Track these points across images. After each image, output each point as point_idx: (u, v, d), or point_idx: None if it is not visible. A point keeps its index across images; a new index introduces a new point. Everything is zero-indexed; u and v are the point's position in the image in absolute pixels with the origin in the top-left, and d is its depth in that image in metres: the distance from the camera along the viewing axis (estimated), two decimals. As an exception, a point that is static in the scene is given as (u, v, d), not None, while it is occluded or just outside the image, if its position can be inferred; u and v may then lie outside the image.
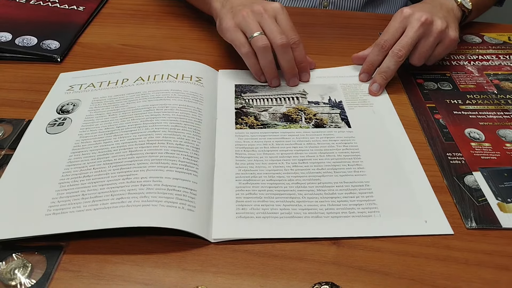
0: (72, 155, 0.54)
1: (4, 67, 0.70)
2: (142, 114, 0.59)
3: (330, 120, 0.61)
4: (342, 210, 0.49)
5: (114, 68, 0.70)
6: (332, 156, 0.56)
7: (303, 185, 0.52)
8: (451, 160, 0.56)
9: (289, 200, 0.50)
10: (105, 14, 0.86)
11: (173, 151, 0.53)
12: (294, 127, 0.60)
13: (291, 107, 0.64)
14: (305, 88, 0.67)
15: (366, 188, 0.52)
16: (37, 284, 0.42)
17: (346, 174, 0.53)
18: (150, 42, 0.78)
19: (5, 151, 0.55)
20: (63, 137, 0.57)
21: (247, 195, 0.51)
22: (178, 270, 0.44)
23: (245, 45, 0.62)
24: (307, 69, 0.67)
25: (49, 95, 0.64)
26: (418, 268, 0.45)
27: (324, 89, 0.68)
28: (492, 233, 0.48)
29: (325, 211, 0.49)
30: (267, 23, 0.60)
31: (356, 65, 0.72)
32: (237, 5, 0.64)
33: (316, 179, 0.53)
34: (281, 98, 0.65)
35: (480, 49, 0.79)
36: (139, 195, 0.48)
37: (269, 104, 0.64)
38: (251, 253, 0.46)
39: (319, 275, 0.44)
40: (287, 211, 0.49)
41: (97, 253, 0.45)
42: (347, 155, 0.56)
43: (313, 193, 0.51)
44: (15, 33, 0.74)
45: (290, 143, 0.57)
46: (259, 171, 0.54)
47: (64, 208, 0.47)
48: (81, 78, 0.68)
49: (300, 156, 0.55)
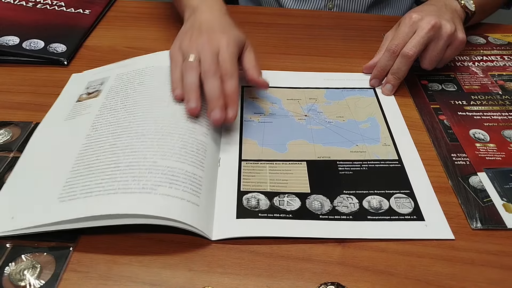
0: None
1: (12, 70, 0.71)
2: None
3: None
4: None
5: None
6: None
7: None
8: (456, 161, 0.56)
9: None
10: (110, 17, 0.87)
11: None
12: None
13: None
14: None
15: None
16: (46, 284, 0.43)
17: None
18: (156, 44, 0.78)
19: (14, 154, 0.56)
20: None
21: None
22: (185, 271, 0.44)
23: (177, 63, 0.60)
24: (233, 105, 0.56)
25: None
26: (424, 269, 0.45)
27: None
28: (497, 234, 0.48)
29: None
30: (204, 53, 0.58)
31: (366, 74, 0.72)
32: (196, 27, 0.63)
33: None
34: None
35: (484, 50, 0.79)
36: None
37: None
38: (258, 253, 0.46)
39: (325, 275, 0.44)
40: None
41: (105, 254, 0.46)
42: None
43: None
44: (22, 36, 0.75)
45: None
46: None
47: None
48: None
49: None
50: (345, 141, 0.59)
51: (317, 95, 0.67)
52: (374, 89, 0.69)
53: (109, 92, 0.62)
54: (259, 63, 0.62)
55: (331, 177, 0.54)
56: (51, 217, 0.45)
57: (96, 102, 0.61)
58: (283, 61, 0.75)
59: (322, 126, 0.61)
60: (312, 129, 0.61)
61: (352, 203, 0.51)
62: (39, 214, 0.46)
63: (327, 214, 0.49)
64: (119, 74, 0.66)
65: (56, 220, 0.45)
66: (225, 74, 0.57)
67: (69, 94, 0.65)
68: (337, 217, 0.49)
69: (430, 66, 0.68)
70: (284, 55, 0.77)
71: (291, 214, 0.49)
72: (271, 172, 0.54)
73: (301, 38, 0.81)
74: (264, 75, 0.68)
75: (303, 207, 0.50)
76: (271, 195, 0.51)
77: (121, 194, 0.46)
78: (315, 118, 0.63)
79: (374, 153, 0.57)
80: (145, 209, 0.45)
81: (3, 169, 0.53)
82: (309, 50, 0.78)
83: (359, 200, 0.51)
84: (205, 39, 0.59)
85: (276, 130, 0.60)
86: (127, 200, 0.46)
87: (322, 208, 0.50)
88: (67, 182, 0.49)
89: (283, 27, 0.85)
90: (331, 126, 0.61)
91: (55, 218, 0.45)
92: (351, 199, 0.51)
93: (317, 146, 0.58)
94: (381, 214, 0.50)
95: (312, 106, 0.65)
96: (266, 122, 0.62)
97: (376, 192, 0.52)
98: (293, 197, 0.51)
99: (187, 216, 0.46)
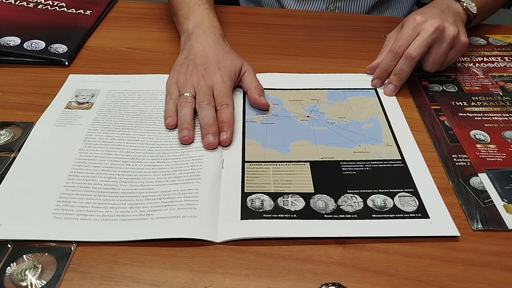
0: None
1: (13, 70, 0.71)
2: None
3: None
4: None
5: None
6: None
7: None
8: (457, 161, 0.56)
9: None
10: (111, 18, 0.87)
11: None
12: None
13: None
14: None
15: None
16: (47, 285, 0.43)
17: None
18: (157, 45, 0.78)
19: (15, 154, 0.56)
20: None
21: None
22: (187, 271, 0.44)
23: (172, 96, 0.62)
24: (229, 129, 0.58)
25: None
26: (424, 269, 0.45)
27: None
28: (498, 235, 0.48)
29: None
30: (198, 88, 0.61)
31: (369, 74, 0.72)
32: (191, 60, 0.65)
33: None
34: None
35: (485, 51, 0.79)
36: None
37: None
38: (259, 254, 0.46)
39: (326, 276, 0.44)
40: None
41: (106, 254, 0.46)
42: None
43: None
44: (23, 37, 0.75)
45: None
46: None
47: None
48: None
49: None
50: (347, 141, 0.59)
51: (319, 96, 0.67)
52: (376, 89, 0.69)
53: (101, 107, 0.64)
54: (260, 85, 0.66)
55: (334, 177, 0.54)
56: (46, 233, 0.46)
57: (87, 115, 0.62)
58: (284, 62, 0.75)
59: (325, 127, 0.61)
60: (314, 130, 0.61)
61: (356, 202, 0.51)
62: (31, 228, 0.47)
63: (332, 213, 0.49)
64: (111, 90, 0.67)
65: (51, 239, 0.46)
66: (221, 104, 0.60)
67: (61, 99, 0.65)
68: (342, 216, 0.49)
69: (433, 68, 0.68)
70: (285, 56, 0.77)
71: (295, 214, 0.49)
72: (274, 173, 0.54)
73: (301, 39, 0.81)
74: (265, 77, 0.69)
75: (307, 207, 0.50)
76: (275, 196, 0.51)
77: (119, 221, 0.48)
78: (317, 119, 0.63)
79: (377, 153, 0.57)
80: (142, 235, 0.47)
81: (5, 169, 0.53)
82: (309, 51, 0.78)
83: (363, 199, 0.51)
84: (200, 75, 0.63)
85: (278, 131, 0.61)
86: (125, 226, 0.48)
87: (327, 207, 0.50)
88: (61, 197, 0.50)
89: (284, 28, 0.85)
90: (334, 127, 0.61)
91: (50, 236, 0.46)
92: (355, 198, 0.51)
93: (320, 147, 0.58)
94: (385, 212, 0.50)
95: (314, 107, 0.65)
96: (269, 123, 0.62)
97: (380, 191, 0.52)
98: (297, 197, 0.51)
99: (183, 230, 0.47)
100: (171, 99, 0.62)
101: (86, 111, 0.63)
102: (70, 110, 0.63)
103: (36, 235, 0.46)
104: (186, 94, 0.61)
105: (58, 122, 0.60)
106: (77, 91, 0.66)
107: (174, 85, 0.64)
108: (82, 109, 0.63)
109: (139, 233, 0.47)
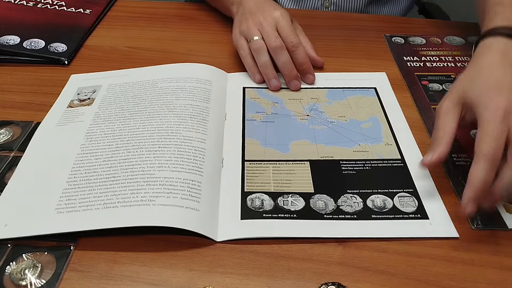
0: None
1: (12, 70, 0.71)
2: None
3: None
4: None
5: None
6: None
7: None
8: (457, 161, 0.56)
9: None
10: (111, 17, 0.87)
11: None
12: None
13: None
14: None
15: (372, 189, 0.52)
16: (47, 284, 0.43)
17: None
18: (157, 44, 0.78)
19: (14, 153, 0.56)
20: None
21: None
22: (186, 271, 0.44)
23: (244, 48, 0.68)
24: (309, 71, 0.68)
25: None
26: (424, 269, 0.45)
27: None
28: (497, 234, 0.48)
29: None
30: (264, 29, 0.66)
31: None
32: (247, 12, 0.69)
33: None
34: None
35: (485, 51, 0.79)
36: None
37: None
38: (258, 253, 0.46)
39: (325, 275, 0.44)
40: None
41: (106, 254, 0.46)
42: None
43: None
44: (23, 36, 0.75)
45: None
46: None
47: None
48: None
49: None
50: (347, 140, 0.59)
51: (319, 95, 0.67)
52: (375, 88, 0.68)
53: (102, 101, 0.63)
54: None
55: (334, 177, 0.54)
56: (49, 228, 0.46)
57: (89, 110, 0.62)
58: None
59: (324, 126, 0.61)
60: (314, 129, 0.61)
61: (356, 202, 0.51)
62: (35, 224, 0.47)
63: (332, 213, 0.49)
64: (112, 84, 0.67)
65: (54, 232, 0.46)
66: (291, 45, 0.65)
67: (63, 99, 0.65)
68: (342, 216, 0.49)
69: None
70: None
71: (295, 214, 0.49)
72: (274, 173, 0.54)
73: (301, 38, 0.81)
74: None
75: (307, 207, 0.50)
76: (275, 196, 0.51)
77: (121, 208, 0.47)
78: (317, 118, 0.63)
79: (376, 152, 0.57)
80: (144, 221, 0.46)
81: (4, 168, 0.53)
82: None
83: (363, 199, 0.51)
84: (260, 17, 0.67)
85: (278, 130, 0.60)
86: (127, 213, 0.47)
87: (326, 207, 0.50)
88: (64, 193, 0.50)
89: (284, 27, 0.84)
90: (333, 126, 0.61)
91: (53, 230, 0.46)
92: (355, 199, 0.51)
93: (320, 146, 0.58)
94: (385, 213, 0.50)
95: (313, 105, 0.65)
96: (269, 122, 0.62)
97: (379, 191, 0.52)
98: (297, 197, 0.51)
99: (186, 221, 0.46)
100: (246, 52, 0.67)
101: (87, 107, 0.62)
102: (72, 108, 0.63)
103: (38, 230, 0.46)
104: (256, 37, 0.65)
105: (61, 122, 0.60)
106: (79, 89, 0.66)
107: (241, 37, 0.68)
108: (83, 106, 0.63)
109: (141, 220, 0.46)
